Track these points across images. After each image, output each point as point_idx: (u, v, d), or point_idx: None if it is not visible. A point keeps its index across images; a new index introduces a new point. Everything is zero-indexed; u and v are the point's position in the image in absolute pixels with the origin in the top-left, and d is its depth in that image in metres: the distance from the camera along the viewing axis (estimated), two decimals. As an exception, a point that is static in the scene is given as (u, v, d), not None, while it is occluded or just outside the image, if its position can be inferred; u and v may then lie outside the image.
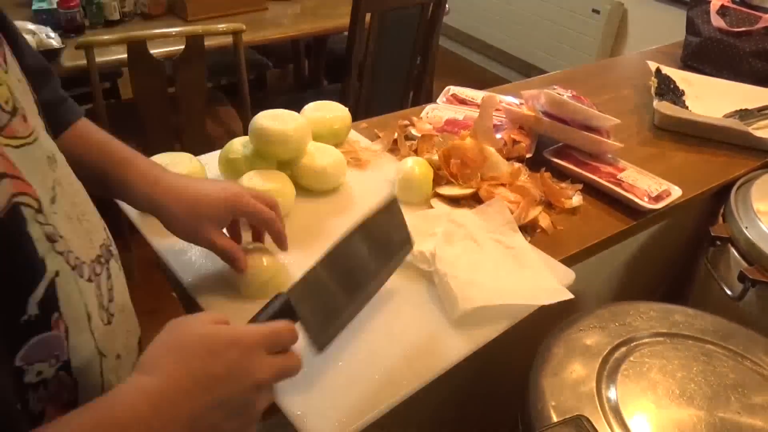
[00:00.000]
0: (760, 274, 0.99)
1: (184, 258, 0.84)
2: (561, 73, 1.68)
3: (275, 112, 0.97)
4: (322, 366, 0.70)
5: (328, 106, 1.12)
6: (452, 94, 1.35)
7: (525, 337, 0.77)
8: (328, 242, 0.88)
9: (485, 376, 1.00)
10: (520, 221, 0.93)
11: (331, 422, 0.63)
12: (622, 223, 1.02)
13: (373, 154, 1.11)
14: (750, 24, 1.54)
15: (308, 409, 0.65)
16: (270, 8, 2.22)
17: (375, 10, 1.84)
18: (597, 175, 1.08)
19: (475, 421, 1.08)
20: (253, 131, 0.95)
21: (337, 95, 1.98)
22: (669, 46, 1.82)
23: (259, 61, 2.61)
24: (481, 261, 0.85)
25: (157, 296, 2.03)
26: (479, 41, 3.84)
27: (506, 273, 0.84)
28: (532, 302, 0.78)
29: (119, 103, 2.51)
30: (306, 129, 0.97)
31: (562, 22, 3.28)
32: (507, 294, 0.78)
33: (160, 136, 1.81)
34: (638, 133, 1.32)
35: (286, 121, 0.96)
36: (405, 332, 0.75)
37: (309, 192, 1.00)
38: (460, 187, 1.00)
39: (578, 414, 0.71)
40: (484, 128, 1.05)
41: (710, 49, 1.60)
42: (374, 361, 0.71)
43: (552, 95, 1.11)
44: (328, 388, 0.67)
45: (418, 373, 0.70)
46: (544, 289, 0.80)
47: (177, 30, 1.66)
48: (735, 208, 1.09)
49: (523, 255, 0.87)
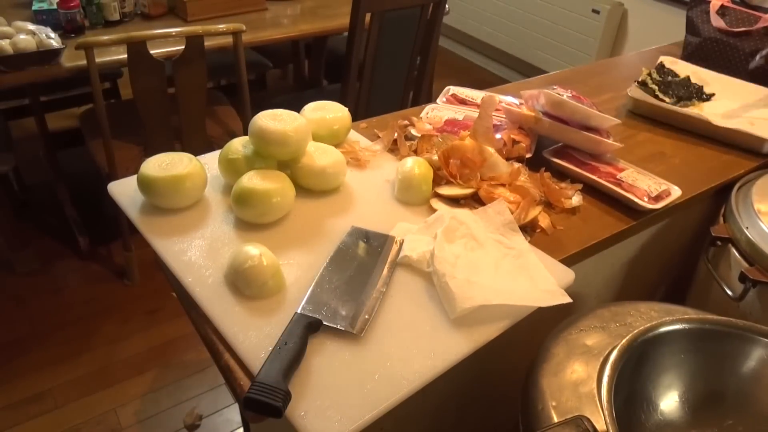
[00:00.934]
0: (760, 275, 0.99)
1: (184, 258, 0.84)
2: (561, 73, 1.68)
3: (275, 112, 0.97)
4: (323, 367, 0.70)
5: (328, 106, 1.12)
6: (452, 94, 1.35)
7: (525, 337, 0.77)
8: (327, 242, 0.89)
9: (486, 377, 1.00)
10: (520, 221, 0.93)
11: (331, 422, 0.63)
12: (622, 223, 1.02)
13: (372, 154, 1.11)
14: (750, 24, 1.54)
15: (309, 409, 0.65)
16: (270, 8, 2.22)
17: (375, 10, 1.84)
18: (597, 175, 1.08)
19: (475, 421, 1.07)
20: (253, 131, 0.95)
21: (337, 95, 1.98)
22: (669, 46, 1.82)
23: (259, 61, 2.61)
24: (480, 260, 0.85)
25: (157, 296, 2.04)
26: (479, 41, 3.84)
27: (506, 273, 0.84)
28: (531, 304, 0.78)
29: (119, 103, 2.51)
30: (306, 130, 0.97)
31: (562, 22, 3.27)
32: (506, 294, 0.78)
33: (160, 136, 1.81)
34: (638, 133, 1.32)
35: (286, 122, 0.95)
36: (404, 332, 0.75)
37: (309, 192, 1.00)
38: (460, 187, 1.00)
39: (578, 414, 0.71)
40: (483, 129, 1.05)
41: (710, 49, 1.60)
42: (374, 361, 0.71)
43: (551, 95, 1.11)
44: (329, 388, 0.67)
45: (418, 372, 0.70)
46: (543, 291, 0.81)
47: (177, 30, 1.66)
48: (735, 208, 1.09)
49: (523, 256, 0.87)
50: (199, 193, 0.95)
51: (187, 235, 0.89)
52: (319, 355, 0.71)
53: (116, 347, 1.81)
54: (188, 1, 1.97)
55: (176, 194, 0.92)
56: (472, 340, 0.75)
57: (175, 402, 1.69)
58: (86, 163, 2.09)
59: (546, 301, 0.79)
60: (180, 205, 0.94)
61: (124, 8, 1.97)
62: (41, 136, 2.27)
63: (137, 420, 1.63)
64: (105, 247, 2.17)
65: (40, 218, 2.31)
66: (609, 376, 0.66)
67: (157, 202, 0.93)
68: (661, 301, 0.90)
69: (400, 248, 0.86)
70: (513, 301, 0.78)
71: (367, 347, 0.73)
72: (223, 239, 0.88)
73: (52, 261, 2.11)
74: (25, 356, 1.77)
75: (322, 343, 0.73)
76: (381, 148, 1.13)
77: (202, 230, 0.90)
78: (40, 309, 1.92)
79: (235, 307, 0.77)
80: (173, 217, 0.92)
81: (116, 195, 0.97)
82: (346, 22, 1.89)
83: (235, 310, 0.76)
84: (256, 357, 0.70)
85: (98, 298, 1.96)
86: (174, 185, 0.91)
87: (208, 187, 0.98)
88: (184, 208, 0.94)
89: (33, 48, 1.58)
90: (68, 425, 1.60)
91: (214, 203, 0.96)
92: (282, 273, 0.80)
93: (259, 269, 0.77)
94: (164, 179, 0.90)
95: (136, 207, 0.94)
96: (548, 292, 0.80)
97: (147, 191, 0.92)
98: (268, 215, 0.91)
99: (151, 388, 1.72)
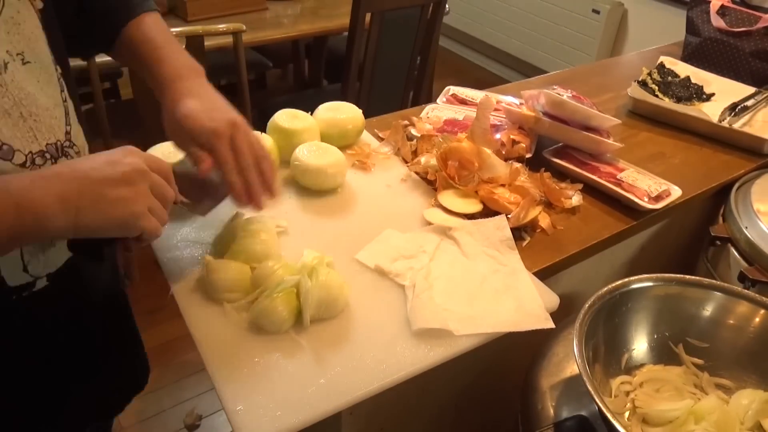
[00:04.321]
0: (760, 274, 0.99)
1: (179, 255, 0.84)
2: (561, 73, 1.68)
3: (295, 112, 1.05)
4: (270, 365, 0.70)
5: (342, 107, 1.12)
6: (452, 94, 1.35)
7: (525, 337, 0.77)
8: (326, 242, 0.89)
9: (485, 377, 1.00)
10: (519, 221, 0.93)
11: (263, 422, 0.63)
12: (622, 223, 1.02)
13: (386, 157, 1.11)
14: (750, 24, 1.54)
15: (246, 405, 0.65)
16: (270, 8, 2.22)
17: (375, 10, 1.84)
18: (597, 175, 1.08)
19: (475, 421, 1.08)
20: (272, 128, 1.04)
21: (337, 95, 1.97)
22: (669, 46, 1.82)
23: (259, 61, 2.61)
24: (464, 276, 0.84)
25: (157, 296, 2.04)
26: (479, 41, 3.84)
27: (491, 290, 0.82)
28: (506, 329, 0.76)
29: (119, 103, 2.51)
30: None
31: (562, 22, 3.28)
32: (475, 323, 0.76)
33: (160, 136, 1.80)
34: (638, 133, 1.32)
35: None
36: (362, 339, 0.74)
37: (309, 192, 1.00)
38: (462, 194, 0.99)
39: (578, 414, 0.71)
40: (480, 130, 1.05)
41: (710, 49, 1.60)
42: (323, 364, 0.70)
43: (551, 95, 1.11)
44: (271, 387, 0.67)
45: (364, 382, 0.68)
46: (527, 314, 0.79)
47: (177, 30, 1.66)
48: (735, 208, 1.09)
49: (515, 274, 0.85)
50: None
51: (181, 220, 0.90)
52: (267, 353, 0.71)
53: (116, 347, 1.80)
54: (188, 1, 1.97)
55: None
56: (428, 357, 0.72)
57: (175, 402, 1.69)
58: (86, 163, 2.08)
59: (527, 324, 0.77)
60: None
61: (124, 8, 1.97)
62: (41, 136, 2.26)
63: (137, 420, 1.63)
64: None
65: (40, 218, 2.31)
66: (581, 322, 0.71)
67: None
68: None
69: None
70: (483, 330, 0.75)
71: (317, 350, 0.72)
72: (216, 224, 0.89)
73: (52, 261, 2.11)
74: (25, 356, 1.77)
75: (273, 341, 0.72)
76: (389, 150, 1.13)
77: (198, 216, 0.90)
78: (40, 309, 1.92)
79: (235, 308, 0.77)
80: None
81: None
82: (346, 22, 1.89)
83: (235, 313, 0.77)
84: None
85: (98, 298, 1.95)
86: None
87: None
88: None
89: None
90: (68, 425, 1.60)
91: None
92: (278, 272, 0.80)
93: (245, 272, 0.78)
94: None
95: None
96: (532, 315, 0.79)
97: None
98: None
99: (151, 388, 1.71)
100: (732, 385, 0.78)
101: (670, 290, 0.81)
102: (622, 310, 0.79)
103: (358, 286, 0.81)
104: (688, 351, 0.81)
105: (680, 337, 0.81)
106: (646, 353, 0.81)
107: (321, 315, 0.75)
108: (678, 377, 0.78)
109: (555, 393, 0.76)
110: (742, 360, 0.79)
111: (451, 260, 0.86)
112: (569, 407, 0.73)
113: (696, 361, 0.80)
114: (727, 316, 0.80)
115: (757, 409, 0.71)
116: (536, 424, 0.74)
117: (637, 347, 0.81)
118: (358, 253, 0.87)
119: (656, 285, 0.80)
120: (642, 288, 0.79)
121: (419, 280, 0.81)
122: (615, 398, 0.75)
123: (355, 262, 0.86)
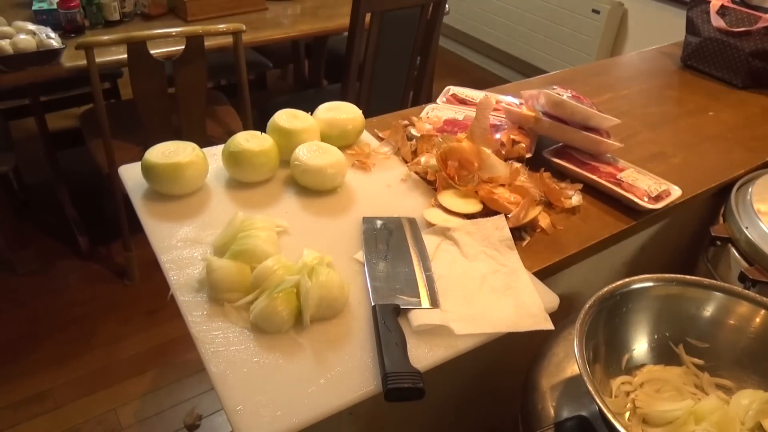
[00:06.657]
0: (760, 274, 0.99)
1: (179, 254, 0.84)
2: (561, 73, 1.68)
3: (295, 112, 1.06)
4: (270, 365, 0.70)
5: (342, 107, 1.12)
6: (452, 94, 1.35)
7: (525, 337, 0.77)
8: (326, 242, 0.89)
9: (486, 377, 1.00)
10: (519, 221, 0.93)
11: (263, 421, 0.63)
12: (622, 223, 1.02)
13: (386, 157, 1.11)
14: (750, 24, 1.54)
15: (246, 405, 0.65)
16: (270, 8, 2.21)
17: (375, 10, 1.84)
18: (597, 175, 1.08)
19: (475, 420, 1.07)
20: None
21: (337, 95, 1.97)
22: (669, 46, 1.82)
23: (259, 61, 2.61)
24: (464, 276, 0.84)
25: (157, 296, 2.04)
26: (479, 41, 3.84)
27: (491, 290, 0.82)
28: (506, 329, 0.76)
29: (119, 103, 2.51)
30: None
31: (562, 22, 3.27)
32: (477, 323, 0.76)
33: (161, 136, 1.79)
34: (638, 133, 1.32)
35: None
36: (361, 341, 0.74)
37: (309, 192, 1.00)
38: (462, 194, 1.00)
39: (578, 414, 0.71)
40: (480, 130, 1.05)
41: (710, 49, 1.60)
42: (323, 364, 0.70)
43: (551, 95, 1.11)
44: (271, 386, 0.67)
45: (364, 382, 0.68)
46: (526, 315, 0.79)
47: (177, 30, 1.66)
48: (735, 208, 1.09)
49: (515, 274, 0.85)
50: (199, 182, 0.98)
51: (182, 220, 0.92)
52: (267, 353, 0.71)
53: (116, 347, 1.81)
54: (188, 1, 1.97)
55: (176, 181, 0.95)
56: (428, 357, 0.72)
57: (175, 402, 1.69)
58: (86, 163, 2.09)
59: (527, 325, 0.77)
60: (179, 192, 0.96)
61: (124, 8, 1.97)
62: (41, 136, 2.26)
63: (137, 420, 1.63)
64: (105, 247, 2.17)
65: (40, 218, 2.31)
66: (581, 322, 0.71)
67: (157, 187, 0.96)
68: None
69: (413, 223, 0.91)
70: (482, 330, 0.76)
71: (317, 350, 0.72)
72: (216, 224, 0.91)
73: (52, 261, 2.11)
74: (25, 356, 1.77)
75: (273, 341, 0.72)
76: (389, 150, 1.13)
77: (198, 216, 0.93)
78: (40, 309, 1.92)
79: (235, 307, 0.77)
80: (172, 203, 0.95)
81: (125, 178, 1.01)
82: (346, 22, 1.89)
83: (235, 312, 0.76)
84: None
85: (98, 298, 1.96)
86: (174, 172, 0.94)
87: (212, 177, 1.01)
88: (183, 195, 0.97)
89: (33, 48, 1.58)
90: (68, 425, 1.60)
91: (214, 192, 0.99)
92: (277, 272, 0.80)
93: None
94: (165, 166, 0.94)
95: (140, 191, 0.97)
96: (532, 315, 0.79)
97: (148, 176, 0.95)
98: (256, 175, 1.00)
99: (151, 388, 1.72)
100: (732, 385, 0.78)
101: (671, 290, 0.80)
102: (622, 310, 0.79)
103: (358, 286, 0.81)
104: (689, 351, 0.81)
105: (680, 338, 0.81)
106: (647, 353, 0.81)
107: (321, 315, 0.75)
108: (678, 377, 0.78)
109: (555, 393, 0.76)
110: (743, 360, 0.79)
111: (450, 260, 0.86)
112: (569, 407, 0.73)
113: (696, 362, 0.80)
114: (728, 317, 0.80)
115: (757, 410, 0.71)
116: (536, 424, 0.74)
117: (637, 347, 0.81)
118: (358, 253, 0.87)
119: (656, 285, 0.80)
120: (642, 288, 0.79)
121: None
122: (615, 398, 0.75)
123: (355, 262, 0.86)
